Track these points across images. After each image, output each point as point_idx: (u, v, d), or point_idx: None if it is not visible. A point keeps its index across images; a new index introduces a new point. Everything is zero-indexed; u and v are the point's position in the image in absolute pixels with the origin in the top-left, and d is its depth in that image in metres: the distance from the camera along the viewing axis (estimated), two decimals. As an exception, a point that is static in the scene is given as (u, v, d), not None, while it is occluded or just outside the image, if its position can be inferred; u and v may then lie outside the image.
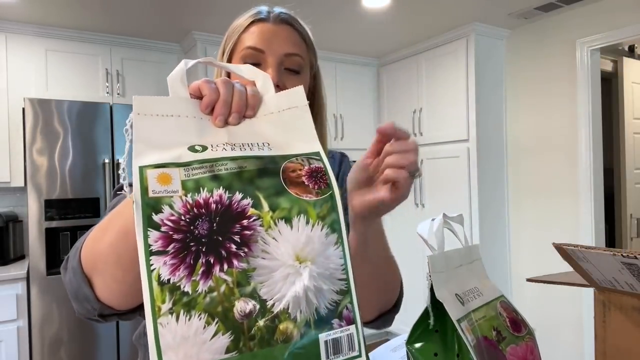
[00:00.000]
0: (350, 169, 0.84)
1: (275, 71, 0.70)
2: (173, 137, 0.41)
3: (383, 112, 3.63)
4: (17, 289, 2.30)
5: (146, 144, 0.39)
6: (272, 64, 0.71)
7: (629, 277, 0.63)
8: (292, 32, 0.74)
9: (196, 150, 0.40)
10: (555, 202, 2.73)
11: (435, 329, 0.55)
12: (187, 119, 0.42)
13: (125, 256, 0.46)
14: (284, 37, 0.72)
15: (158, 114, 0.41)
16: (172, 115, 0.41)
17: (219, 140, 0.42)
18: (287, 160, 0.42)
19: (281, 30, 0.73)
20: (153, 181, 0.37)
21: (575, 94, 2.61)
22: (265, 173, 0.41)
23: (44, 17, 2.56)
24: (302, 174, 0.42)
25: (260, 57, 0.71)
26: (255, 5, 0.78)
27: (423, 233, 0.59)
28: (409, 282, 3.77)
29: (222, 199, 0.38)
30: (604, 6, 2.48)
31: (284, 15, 0.74)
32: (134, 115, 0.40)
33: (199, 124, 0.43)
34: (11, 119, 2.56)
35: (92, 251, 0.51)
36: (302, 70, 0.74)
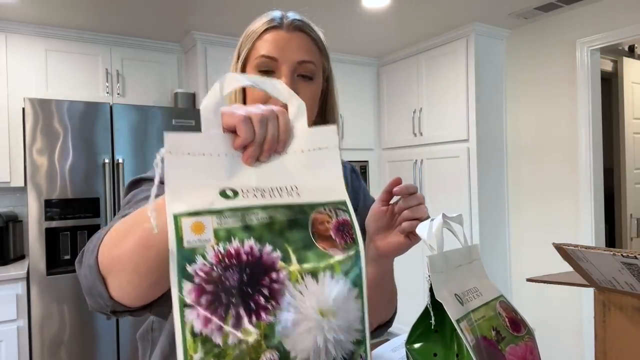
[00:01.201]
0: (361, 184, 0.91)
1: (288, 79, 0.71)
2: (204, 178, 0.40)
3: (383, 112, 3.63)
4: (17, 289, 2.30)
5: (178, 186, 0.39)
6: (285, 72, 0.72)
7: (629, 277, 0.63)
8: (306, 39, 0.74)
9: (227, 196, 0.40)
10: (555, 202, 2.73)
11: (435, 329, 0.55)
12: (218, 157, 0.41)
13: (143, 265, 0.47)
14: (297, 44, 0.73)
15: (189, 153, 0.40)
16: (203, 154, 0.41)
17: (249, 182, 0.42)
18: (315, 210, 0.43)
19: (294, 38, 0.73)
20: (187, 231, 0.37)
21: (575, 94, 2.61)
22: (295, 225, 0.41)
23: (44, 17, 2.56)
24: (329, 227, 0.42)
25: (273, 65, 0.72)
26: (257, 6, 0.79)
27: (422, 233, 0.59)
28: (409, 282, 3.77)
29: (253, 250, 0.39)
30: (604, 6, 2.48)
31: (298, 22, 0.75)
32: (166, 153, 0.39)
33: (229, 162, 0.42)
34: (11, 119, 2.56)
35: (109, 254, 0.51)
36: (314, 76, 0.75)
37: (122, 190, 2.49)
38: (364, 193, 0.92)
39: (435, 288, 0.54)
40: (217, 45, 2.89)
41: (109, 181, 2.47)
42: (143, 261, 0.46)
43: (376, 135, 3.67)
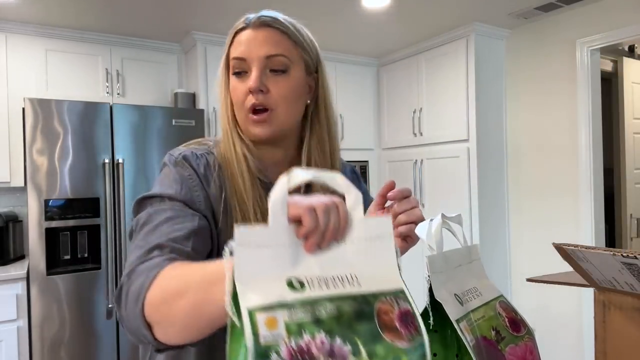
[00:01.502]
0: (362, 186, 0.91)
1: (256, 76, 0.71)
2: (271, 269, 0.42)
3: (383, 112, 3.63)
4: (17, 289, 2.30)
5: (248, 278, 0.40)
6: (254, 69, 0.72)
7: (629, 277, 0.63)
8: (272, 32, 0.74)
9: (295, 288, 0.41)
10: (555, 202, 2.73)
11: (435, 329, 0.55)
12: (283, 248, 0.43)
13: (193, 326, 0.49)
14: (262, 40, 0.73)
15: (257, 245, 0.42)
16: (269, 246, 0.42)
17: (312, 271, 0.44)
18: (378, 300, 0.44)
19: (259, 34, 0.73)
20: (263, 327, 0.38)
21: (575, 94, 2.61)
22: (362, 316, 0.42)
23: (44, 17, 2.56)
24: (394, 318, 0.44)
25: (245, 66, 0.73)
26: (257, 6, 0.79)
27: (422, 233, 0.59)
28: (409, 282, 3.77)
29: (324, 344, 0.39)
30: (604, 6, 2.48)
31: (264, 18, 0.74)
32: (236, 246, 0.40)
33: (293, 252, 0.44)
34: (11, 119, 2.56)
35: (158, 309, 0.52)
36: (289, 68, 0.74)
37: (123, 191, 2.49)
38: (364, 195, 0.93)
39: (435, 288, 0.54)
40: (217, 45, 2.88)
41: (109, 181, 2.47)
42: (194, 323, 0.49)
43: (376, 135, 3.67)
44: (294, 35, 0.76)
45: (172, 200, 0.68)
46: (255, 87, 0.71)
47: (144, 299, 0.53)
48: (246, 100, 0.73)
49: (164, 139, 2.61)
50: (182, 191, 0.70)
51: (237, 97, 0.75)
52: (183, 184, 0.71)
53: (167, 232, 0.63)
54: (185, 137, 2.35)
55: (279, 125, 0.75)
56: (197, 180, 0.72)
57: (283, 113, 0.74)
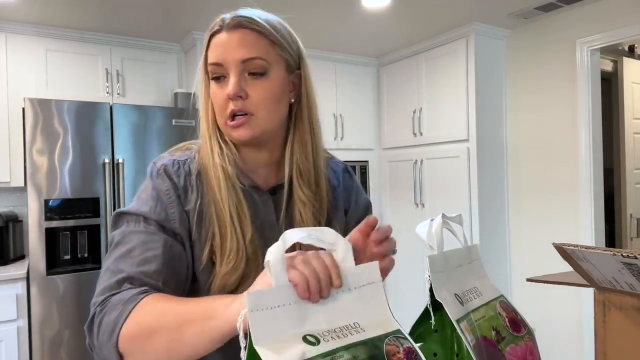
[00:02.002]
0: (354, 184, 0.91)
1: (234, 83, 0.70)
2: (285, 328, 0.44)
3: (383, 112, 3.63)
4: (17, 289, 2.30)
5: (267, 340, 0.42)
6: (231, 74, 0.71)
7: (629, 277, 0.63)
8: (247, 34, 0.71)
9: (312, 343, 0.44)
10: (555, 202, 2.73)
11: (435, 329, 0.55)
12: (290, 306, 0.46)
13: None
14: (237, 43, 0.70)
15: (268, 307, 0.44)
16: (278, 306, 0.44)
17: (321, 326, 0.46)
18: (384, 343, 0.47)
19: (233, 37, 0.70)
20: None
21: (575, 94, 2.61)
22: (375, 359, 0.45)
23: (44, 17, 2.56)
24: (402, 357, 0.47)
25: (222, 70, 0.71)
26: (257, 6, 0.78)
27: (422, 233, 0.59)
28: (409, 282, 3.78)
29: None
30: (604, 6, 2.48)
31: (238, 19, 0.71)
32: (248, 312, 0.42)
33: (299, 308, 0.46)
34: (11, 119, 2.56)
35: (133, 344, 0.56)
36: (267, 70, 0.72)
37: (123, 191, 2.49)
38: (356, 193, 0.91)
39: (435, 288, 0.54)
40: (217, 45, 2.88)
41: (109, 181, 2.47)
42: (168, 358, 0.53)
43: (376, 135, 3.67)
44: (271, 35, 0.72)
45: (147, 220, 0.70)
46: (234, 93, 0.70)
47: (119, 333, 0.56)
48: (226, 106, 0.72)
49: (164, 139, 2.61)
50: (157, 208, 0.71)
51: (217, 102, 0.74)
52: (159, 200, 0.72)
53: (138, 262, 0.66)
54: (185, 137, 2.35)
55: (260, 128, 0.73)
56: (173, 195, 0.73)
57: (264, 117, 0.73)
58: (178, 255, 0.70)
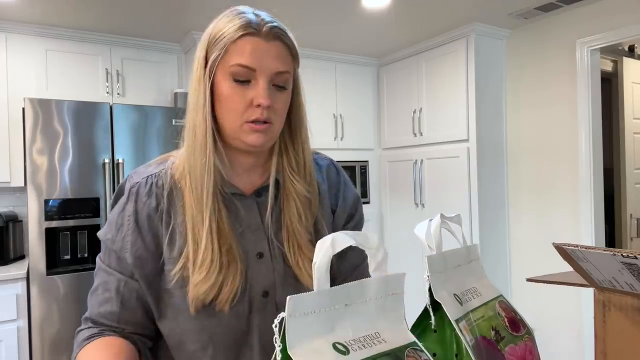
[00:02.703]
0: (340, 179, 0.90)
1: (266, 91, 0.70)
2: (317, 335, 0.44)
3: (383, 112, 3.63)
4: (17, 288, 2.30)
5: (301, 348, 0.42)
6: (262, 83, 0.70)
7: (629, 277, 0.63)
8: (283, 48, 0.72)
9: (342, 352, 0.44)
10: (555, 202, 2.72)
11: (434, 329, 0.55)
12: (324, 312, 0.45)
13: None
14: (275, 55, 0.71)
15: (305, 312, 0.43)
16: (314, 312, 0.44)
17: (348, 334, 0.46)
18: (405, 354, 0.47)
19: (273, 48, 0.71)
20: None
21: (575, 94, 2.61)
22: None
23: (44, 17, 2.56)
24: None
25: (250, 75, 0.70)
26: (256, 6, 0.77)
27: (420, 234, 0.59)
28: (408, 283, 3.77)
29: None
30: (604, 6, 2.48)
31: (276, 30, 0.71)
32: (287, 317, 0.42)
33: (330, 314, 0.45)
34: (11, 119, 2.56)
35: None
36: (288, 84, 0.74)
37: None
38: (344, 189, 0.89)
39: (435, 288, 0.54)
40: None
41: (109, 181, 2.47)
42: None
43: (376, 135, 3.67)
44: (293, 50, 0.74)
45: (109, 253, 0.75)
46: (268, 104, 0.70)
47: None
48: (247, 111, 0.70)
49: (164, 139, 2.61)
50: (116, 237, 0.74)
51: (234, 105, 0.71)
52: (120, 227, 0.74)
53: (99, 303, 0.74)
54: (185, 137, 2.35)
55: (274, 137, 0.75)
56: (132, 223, 0.74)
57: (279, 127, 0.75)
58: (135, 291, 0.73)
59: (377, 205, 3.65)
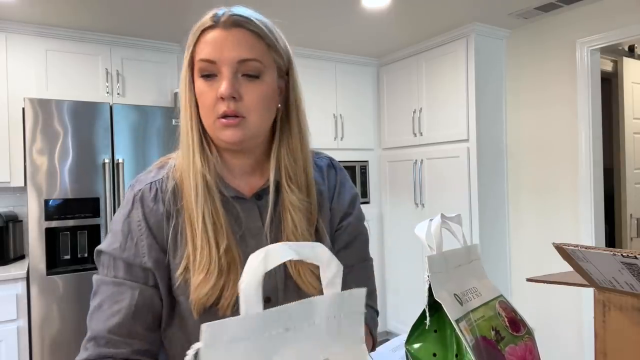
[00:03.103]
0: (338, 178, 0.87)
1: (229, 82, 0.67)
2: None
3: (383, 112, 3.63)
4: (17, 288, 2.30)
5: None
6: (225, 74, 0.68)
7: (629, 277, 0.63)
8: (245, 34, 0.69)
9: None
10: (555, 202, 2.72)
11: (434, 329, 0.55)
12: (257, 339, 0.38)
13: None
14: (235, 42, 0.68)
15: (229, 341, 0.36)
16: (244, 338, 0.37)
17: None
18: None
19: (232, 35, 0.68)
20: None
21: (575, 94, 2.61)
22: None
23: (44, 17, 2.56)
24: None
25: (214, 68, 0.68)
26: (256, 6, 0.77)
27: (421, 234, 0.59)
28: (409, 283, 3.76)
29: None
30: (604, 6, 2.48)
31: (235, 17, 0.69)
32: (202, 348, 0.35)
33: (267, 342, 0.39)
34: (11, 119, 2.56)
35: None
36: (262, 73, 0.70)
37: (123, 191, 2.49)
38: (340, 186, 0.86)
39: (435, 288, 0.54)
40: (217, 45, 2.88)
41: (109, 181, 2.47)
42: None
43: (376, 135, 3.67)
44: (267, 38, 0.71)
45: (116, 263, 0.71)
46: (228, 94, 0.67)
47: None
48: (216, 106, 0.69)
49: (164, 139, 2.61)
50: (126, 244, 0.71)
51: (205, 102, 0.70)
52: (130, 233, 0.72)
53: (105, 318, 0.68)
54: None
55: (251, 133, 0.71)
56: (144, 227, 0.72)
57: (255, 121, 0.70)
58: (149, 298, 0.70)
59: (377, 205, 3.65)
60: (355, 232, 0.84)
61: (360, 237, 0.85)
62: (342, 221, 0.83)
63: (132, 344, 0.69)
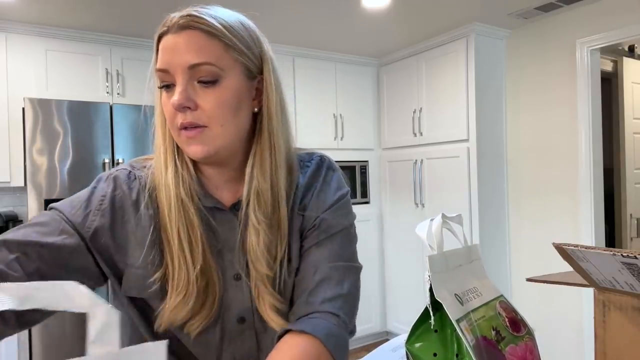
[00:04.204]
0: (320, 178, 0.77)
1: (179, 92, 0.61)
2: None
3: (383, 112, 3.63)
4: (17, 289, 2.30)
5: None
6: (179, 82, 0.62)
7: (629, 277, 0.63)
8: (196, 36, 0.62)
9: None
10: (555, 202, 2.73)
11: (435, 329, 0.55)
12: None
13: None
14: (184, 47, 0.61)
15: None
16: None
17: None
18: None
19: (180, 40, 0.62)
20: None
21: (575, 94, 2.61)
22: None
23: (44, 17, 2.56)
24: None
25: (169, 78, 0.63)
26: (256, 6, 0.77)
27: (422, 233, 0.59)
28: (409, 283, 3.75)
29: None
30: (604, 6, 2.48)
31: (185, 19, 0.63)
32: None
33: None
34: (11, 119, 2.56)
35: None
36: (220, 78, 0.62)
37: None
38: (322, 186, 0.76)
39: (435, 288, 0.54)
40: (217, 45, 2.88)
41: (109, 181, 2.47)
42: None
43: (376, 135, 3.67)
44: (224, 36, 0.63)
45: (61, 215, 0.64)
46: (179, 104, 0.61)
47: None
48: (175, 118, 0.63)
49: (164, 139, 2.61)
50: (78, 211, 0.64)
51: (167, 114, 0.64)
52: (88, 203, 0.66)
53: (23, 234, 0.60)
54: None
55: (216, 144, 0.64)
56: (107, 206, 0.66)
57: (218, 130, 0.63)
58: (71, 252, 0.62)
59: (377, 205, 3.65)
60: (331, 230, 0.72)
61: (337, 237, 0.72)
62: (317, 218, 0.73)
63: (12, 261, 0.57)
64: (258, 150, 0.68)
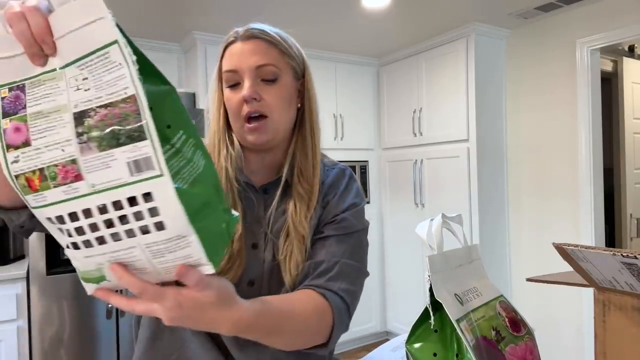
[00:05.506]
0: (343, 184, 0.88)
1: (249, 86, 0.75)
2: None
3: (383, 112, 3.63)
4: (17, 288, 2.30)
5: None
6: (247, 80, 0.76)
7: (629, 277, 0.63)
8: (260, 43, 0.77)
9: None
10: (555, 202, 2.73)
11: (435, 329, 0.55)
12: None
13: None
14: (252, 51, 0.77)
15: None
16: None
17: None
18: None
19: (248, 46, 0.77)
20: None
21: (575, 94, 2.61)
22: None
23: (44, 17, 2.55)
24: None
25: (237, 77, 0.77)
26: (257, 6, 0.80)
27: (422, 233, 0.59)
28: (409, 283, 3.75)
29: None
30: (604, 6, 2.48)
31: (252, 31, 0.78)
32: None
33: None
34: (11, 119, 2.56)
35: None
36: (278, 77, 0.78)
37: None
38: (345, 191, 0.86)
39: (435, 288, 0.54)
40: (217, 45, 2.87)
41: (109, 181, 2.47)
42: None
43: (376, 135, 3.67)
44: (280, 45, 0.79)
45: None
46: (249, 95, 0.75)
47: None
48: (241, 109, 0.77)
49: (164, 138, 2.61)
50: None
51: (232, 107, 0.78)
52: None
53: None
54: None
55: (275, 131, 0.79)
56: None
57: (277, 119, 0.78)
58: None
59: (377, 205, 3.65)
60: (350, 229, 0.82)
61: (354, 236, 0.82)
62: (338, 215, 0.83)
63: None
64: (300, 138, 0.84)
